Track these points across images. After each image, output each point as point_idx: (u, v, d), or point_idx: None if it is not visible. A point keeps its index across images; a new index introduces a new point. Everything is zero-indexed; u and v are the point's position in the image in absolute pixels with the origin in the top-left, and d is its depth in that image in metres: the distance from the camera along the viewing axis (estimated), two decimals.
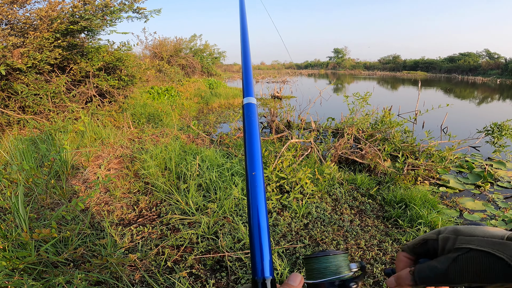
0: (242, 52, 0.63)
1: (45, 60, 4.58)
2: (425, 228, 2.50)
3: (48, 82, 4.95)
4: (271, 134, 4.96)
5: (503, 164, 4.41)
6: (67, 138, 3.35)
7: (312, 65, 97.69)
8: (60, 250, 1.95)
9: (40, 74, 4.92)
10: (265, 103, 9.75)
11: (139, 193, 2.97)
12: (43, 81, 4.86)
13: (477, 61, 53.23)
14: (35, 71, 4.75)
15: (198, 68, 19.69)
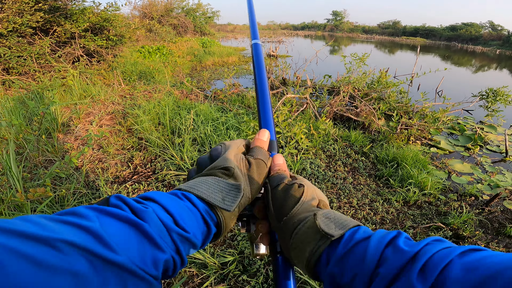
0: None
1: (26, 24, 4.46)
2: (415, 188, 2.55)
3: (31, 45, 4.77)
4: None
5: (494, 128, 4.48)
6: (56, 92, 3.25)
7: (309, 27, 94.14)
8: (56, 210, 1.92)
9: (22, 37, 4.73)
10: None
11: (133, 149, 2.92)
12: (26, 43, 4.68)
13: (479, 32, 52.10)
14: (17, 35, 4.57)
15: (191, 28, 18.85)
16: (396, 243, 0.30)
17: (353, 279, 0.31)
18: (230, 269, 1.59)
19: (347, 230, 0.35)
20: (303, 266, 0.36)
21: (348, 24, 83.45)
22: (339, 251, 0.33)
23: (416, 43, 41.53)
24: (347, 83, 4.57)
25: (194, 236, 0.34)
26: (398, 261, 0.28)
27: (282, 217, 0.40)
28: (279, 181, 0.44)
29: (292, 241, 0.37)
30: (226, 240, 1.84)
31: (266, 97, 0.56)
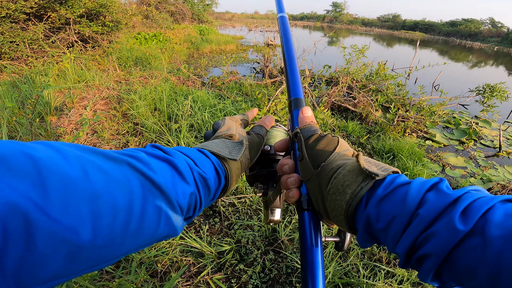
0: None
1: (19, 10, 4.33)
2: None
3: (25, 30, 4.65)
4: (264, 79, 4.84)
5: (488, 123, 4.52)
6: (51, 75, 3.17)
7: (308, 17, 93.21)
8: None
9: (15, 23, 4.60)
10: (259, 49, 9.38)
11: (128, 135, 2.88)
12: (19, 29, 4.57)
13: (479, 28, 52.09)
14: (10, 21, 4.45)
15: (188, 15, 18.51)
16: (439, 187, 0.30)
17: (390, 223, 0.30)
18: (227, 258, 1.58)
19: (388, 174, 0.34)
20: (342, 212, 0.34)
21: (348, 16, 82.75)
22: (379, 192, 0.32)
23: (414, 37, 41.39)
24: (346, 74, 4.56)
25: (210, 179, 0.38)
26: (440, 203, 0.27)
27: (320, 163, 0.39)
28: (312, 132, 0.44)
29: (331, 186, 0.36)
30: (223, 229, 1.83)
31: (295, 67, 0.57)
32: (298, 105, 0.51)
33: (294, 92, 0.53)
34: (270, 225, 1.79)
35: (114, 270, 1.41)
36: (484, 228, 0.23)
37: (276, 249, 1.70)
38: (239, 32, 19.30)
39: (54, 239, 0.19)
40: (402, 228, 0.29)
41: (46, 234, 0.19)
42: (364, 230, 0.33)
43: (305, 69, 4.98)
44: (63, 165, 0.21)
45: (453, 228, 0.25)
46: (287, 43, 0.62)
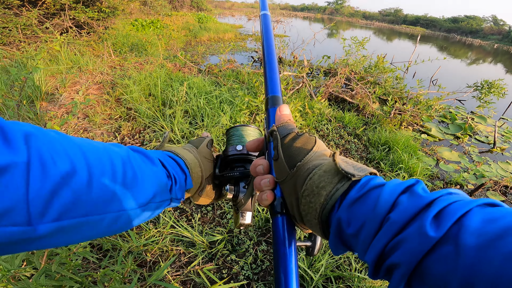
0: None
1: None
2: (405, 173, 2.56)
3: (18, 16, 4.52)
4: (261, 67, 4.77)
5: (484, 119, 4.53)
6: (40, 58, 3.09)
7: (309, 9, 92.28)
8: None
9: (8, 9, 4.46)
10: (258, 39, 9.25)
11: (121, 119, 2.82)
12: (12, 15, 4.44)
13: (480, 25, 51.98)
14: (3, 6, 4.32)
15: (187, 2, 18.26)
16: (413, 189, 0.27)
17: (360, 228, 0.28)
18: (218, 248, 1.56)
19: (365, 175, 0.32)
20: (316, 215, 0.32)
21: (349, 9, 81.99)
22: (351, 195, 0.30)
23: (415, 32, 41.17)
24: (344, 65, 4.51)
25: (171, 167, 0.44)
26: (412, 207, 0.25)
27: (295, 163, 0.37)
28: (289, 130, 0.43)
29: (305, 187, 0.34)
30: (215, 218, 1.81)
31: (274, 65, 0.57)
32: (275, 103, 0.49)
33: (272, 89, 0.52)
34: (240, 229, 1.77)
35: (100, 260, 1.38)
36: (457, 235, 0.21)
37: (269, 240, 1.68)
38: (239, 21, 19.05)
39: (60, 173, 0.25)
40: (372, 234, 0.27)
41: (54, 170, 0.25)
42: (335, 235, 0.31)
43: (303, 59, 4.91)
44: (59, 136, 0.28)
45: (424, 234, 0.23)
46: (268, 41, 0.62)
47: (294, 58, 5.02)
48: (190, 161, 0.48)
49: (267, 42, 0.61)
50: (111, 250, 1.45)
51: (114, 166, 0.32)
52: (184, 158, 0.47)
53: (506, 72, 12.36)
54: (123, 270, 1.12)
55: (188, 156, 0.48)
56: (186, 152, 0.49)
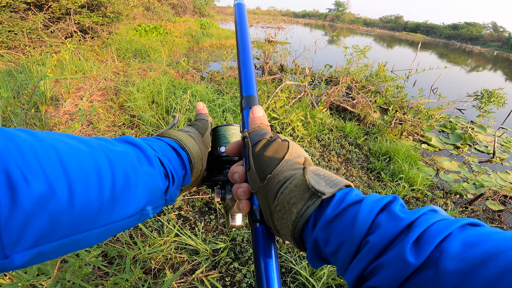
0: None
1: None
2: (405, 183, 2.58)
3: (24, 20, 4.59)
4: (264, 75, 4.83)
5: (483, 129, 4.56)
6: (50, 66, 3.13)
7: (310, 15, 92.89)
8: None
9: (15, 13, 4.53)
10: (260, 45, 9.32)
11: (125, 127, 2.85)
12: (18, 18, 4.50)
13: (480, 32, 52.30)
14: (10, 10, 4.38)
15: (190, 8, 18.37)
16: (391, 208, 0.27)
17: (338, 248, 0.27)
18: (221, 256, 1.58)
19: (338, 189, 0.31)
20: (288, 232, 0.32)
21: (350, 15, 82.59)
22: (327, 213, 0.29)
23: (415, 39, 41.47)
24: (346, 74, 4.56)
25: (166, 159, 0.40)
26: (391, 230, 0.25)
27: (265, 175, 0.35)
28: (260, 136, 0.39)
29: (277, 202, 0.33)
30: (218, 226, 1.83)
31: (249, 61, 0.52)
32: (250, 103, 0.46)
33: (247, 88, 0.48)
34: (232, 230, 1.77)
35: (107, 267, 1.40)
36: (438, 261, 0.21)
37: None
38: None
39: (34, 197, 0.22)
40: (350, 256, 0.26)
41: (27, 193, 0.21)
42: (313, 252, 0.30)
43: (305, 67, 4.97)
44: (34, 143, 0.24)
45: (403, 260, 0.22)
46: (242, 35, 0.56)
47: (296, 66, 5.07)
48: (195, 155, 0.45)
49: (242, 36, 0.56)
50: (117, 257, 1.47)
51: (101, 175, 0.28)
52: (189, 151, 0.44)
53: (506, 80, 12.42)
54: (131, 278, 1.15)
55: (194, 148, 0.45)
56: (192, 143, 0.46)
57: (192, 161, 0.44)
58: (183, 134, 0.47)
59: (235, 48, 3.57)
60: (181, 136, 0.46)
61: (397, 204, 0.27)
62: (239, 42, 0.55)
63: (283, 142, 0.38)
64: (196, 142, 0.47)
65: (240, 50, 0.54)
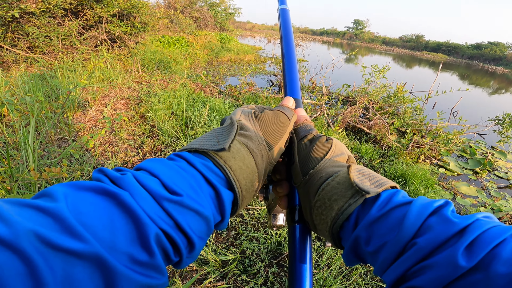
0: None
1: (60, 5, 4.54)
2: None
3: (60, 26, 4.89)
4: (280, 92, 4.90)
5: (504, 155, 4.42)
6: (86, 73, 3.32)
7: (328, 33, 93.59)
8: None
9: (53, 18, 4.83)
10: (277, 62, 9.46)
11: (144, 136, 2.95)
12: (55, 24, 4.79)
13: (504, 52, 51.08)
14: (48, 15, 4.66)
15: (211, 22, 18.97)
16: (443, 212, 0.26)
17: (380, 247, 0.27)
18: (230, 268, 1.60)
19: (383, 190, 0.30)
20: (327, 228, 0.31)
21: (369, 34, 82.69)
22: (372, 213, 0.29)
23: (436, 59, 40.95)
24: (363, 94, 4.55)
25: (191, 200, 0.27)
26: (443, 233, 0.24)
27: (308, 170, 0.36)
28: (306, 132, 0.41)
29: (318, 198, 0.32)
30: (229, 239, 1.85)
31: (294, 65, 0.53)
32: (296, 106, 0.47)
33: (291, 91, 0.49)
34: (273, 230, 1.78)
35: None
36: (490, 264, 0.21)
37: (281, 262, 1.71)
38: (258, 42, 19.59)
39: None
40: (393, 256, 0.26)
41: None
42: (351, 250, 0.30)
43: (322, 86, 5.00)
44: None
45: (454, 263, 0.22)
46: (287, 39, 0.57)
47: (313, 84, 5.12)
48: (246, 190, 0.33)
49: (286, 41, 0.57)
50: None
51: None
52: (238, 190, 0.32)
53: None
54: None
55: (247, 180, 0.33)
56: (248, 171, 0.33)
57: (239, 201, 0.32)
58: (238, 155, 0.32)
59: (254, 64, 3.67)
60: (234, 164, 0.32)
61: (449, 209, 0.27)
62: (284, 47, 0.56)
63: (327, 140, 0.38)
64: (256, 162, 0.34)
65: (285, 55, 0.55)
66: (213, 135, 0.34)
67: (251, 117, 0.39)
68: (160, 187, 0.26)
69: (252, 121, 0.38)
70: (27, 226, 0.18)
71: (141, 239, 0.23)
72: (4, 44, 4.24)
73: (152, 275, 0.23)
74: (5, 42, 4.27)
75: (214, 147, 0.31)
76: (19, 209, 0.19)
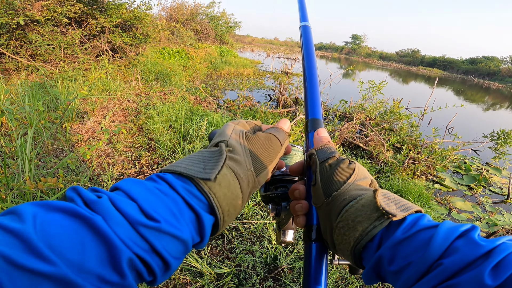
0: None
1: (64, 14, 4.61)
2: None
3: (64, 34, 4.94)
4: (278, 107, 4.94)
5: (499, 171, 4.47)
6: (87, 84, 3.33)
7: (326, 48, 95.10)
8: None
9: (56, 27, 4.90)
10: (276, 77, 9.57)
11: (142, 149, 2.94)
12: (59, 33, 4.86)
13: (498, 66, 51.90)
14: (52, 23, 4.73)
15: (212, 35, 19.22)
16: (470, 235, 0.27)
17: (404, 267, 0.28)
18: (225, 281, 1.59)
19: (409, 214, 0.31)
20: (349, 248, 0.32)
21: (366, 49, 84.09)
22: (397, 235, 0.29)
23: (432, 74, 41.62)
24: (360, 110, 4.61)
25: (168, 225, 0.27)
26: (469, 254, 0.25)
27: (331, 192, 0.36)
28: (329, 154, 0.41)
29: (340, 219, 0.33)
30: (224, 252, 1.84)
31: (315, 83, 0.53)
32: (315, 126, 0.47)
33: (312, 111, 0.50)
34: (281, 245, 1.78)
35: None
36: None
37: (276, 276, 1.70)
38: (257, 56, 19.85)
39: None
40: (418, 275, 0.26)
41: None
42: (372, 270, 0.31)
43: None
44: None
45: (480, 282, 0.22)
46: (309, 57, 0.57)
47: None
48: (228, 216, 0.33)
49: (308, 58, 0.57)
50: None
51: None
52: (220, 215, 0.32)
53: None
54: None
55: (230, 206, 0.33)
56: (232, 196, 0.33)
57: (219, 225, 0.33)
58: (224, 181, 0.32)
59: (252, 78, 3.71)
60: (218, 191, 0.32)
61: (475, 233, 0.27)
62: (306, 65, 0.56)
63: (350, 164, 0.39)
64: (242, 188, 0.34)
65: (307, 73, 0.55)
66: (199, 159, 0.34)
67: (242, 138, 0.38)
68: (137, 212, 0.26)
69: (243, 143, 0.38)
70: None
71: (112, 262, 0.23)
72: (7, 51, 4.26)
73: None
74: (8, 49, 4.30)
75: (199, 175, 0.31)
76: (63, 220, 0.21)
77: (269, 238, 1.95)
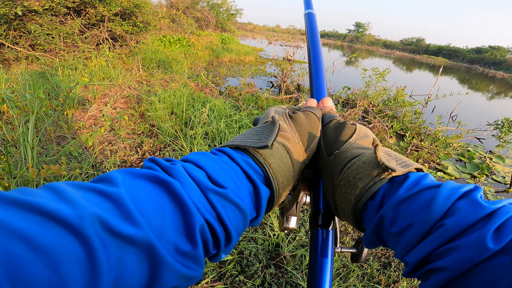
0: None
1: (63, 3, 4.55)
2: None
3: (63, 24, 4.89)
4: (280, 94, 4.90)
5: (502, 159, 4.43)
6: (88, 71, 3.31)
7: (329, 35, 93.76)
8: None
9: (55, 16, 4.83)
10: (278, 64, 9.47)
11: (144, 135, 2.94)
12: (58, 22, 4.79)
13: (504, 56, 51.14)
14: (51, 13, 4.66)
15: (213, 23, 18.97)
16: (472, 196, 0.26)
17: (405, 228, 0.27)
18: (228, 268, 1.60)
19: (410, 171, 0.31)
20: (350, 206, 0.31)
21: (370, 37, 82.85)
22: (400, 193, 0.28)
23: (437, 62, 41.04)
24: (364, 97, 4.56)
25: (233, 193, 0.27)
26: (471, 215, 0.24)
27: (333, 151, 0.37)
28: (330, 118, 0.42)
29: (342, 176, 0.33)
30: None
31: (321, 67, 0.55)
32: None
33: (318, 93, 0.51)
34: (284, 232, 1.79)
35: None
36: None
37: (278, 263, 1.71)
38: (259, 44, 19.60)
39: None
40: (419, 237, 0.26)
41: None
42: (373, 231, 0.30)
43: None
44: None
45: (482, 245, 0.22)
46: (314, 43, 0.59)
47: None
48: (282, 188, 0.33)
49: (313, 44, 0.59)
50: None
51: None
52: (276, 187, 0.32)
53: None
54: None
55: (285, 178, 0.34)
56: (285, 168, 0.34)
57: (275, 198, 0.33)
58: (277, 153, 0.33)
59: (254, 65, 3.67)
60: (273, 162, 0.32)
61: (478, 193, 0.27)
62: (311, 50, 0.58)
63: (352, 125, 0.40)
64: (293, 161, 0.35)
65: (312, 58, 0.57)
66: (253, 133, 0.36)
67: (286, 118, 0.40)
68: (206, 179, 0.27)
69: (288, 122, 0.39)
70: (92, 210, 0.18)
71: (187, 229, 0.23)
72: (6, 41, 4.23)
73: (191, 267, 0.24)
74: (7, 39, 4.26)
75: (256, 145, 0.32)
76: (82, 192, 0.20)
77: (271, 225, 1.95)
